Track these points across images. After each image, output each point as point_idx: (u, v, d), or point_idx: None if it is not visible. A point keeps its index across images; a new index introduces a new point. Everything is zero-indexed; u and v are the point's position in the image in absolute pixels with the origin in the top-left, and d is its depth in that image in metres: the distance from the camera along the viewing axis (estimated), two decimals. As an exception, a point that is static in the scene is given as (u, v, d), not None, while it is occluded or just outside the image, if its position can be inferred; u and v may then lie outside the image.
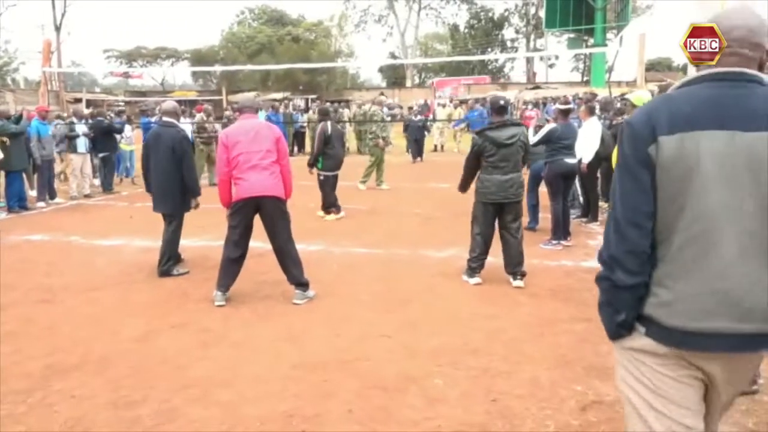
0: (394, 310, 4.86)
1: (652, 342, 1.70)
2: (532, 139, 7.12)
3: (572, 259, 6.36)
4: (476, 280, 5.49)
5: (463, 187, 5.70)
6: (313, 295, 5.09)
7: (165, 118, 6.02)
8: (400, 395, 3.40)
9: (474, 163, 5.45)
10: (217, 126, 14.09)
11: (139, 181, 12.00)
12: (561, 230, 6.90)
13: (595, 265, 6.57)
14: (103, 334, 4.41)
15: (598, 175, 8.11)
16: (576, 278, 5.67)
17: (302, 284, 5.04)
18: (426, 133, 18.08)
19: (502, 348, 4.04)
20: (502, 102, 5.50)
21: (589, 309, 4.80)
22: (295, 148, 18.07)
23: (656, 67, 42.26)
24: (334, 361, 3.87)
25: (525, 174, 5.84)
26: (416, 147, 17.10)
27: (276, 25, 48.84)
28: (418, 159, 16.91)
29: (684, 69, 33.08)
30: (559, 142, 6.87)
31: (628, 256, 1.68)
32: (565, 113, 7.17)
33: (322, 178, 8.70)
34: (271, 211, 4.94)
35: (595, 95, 13.42)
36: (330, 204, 8.72)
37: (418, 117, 18.05)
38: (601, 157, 7.44)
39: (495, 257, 5.62)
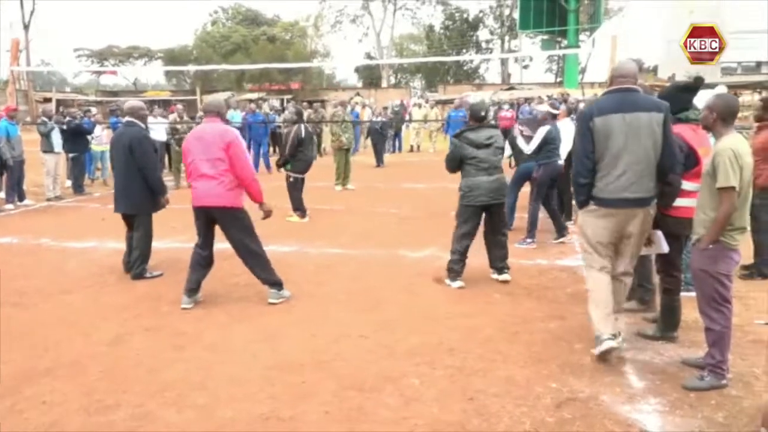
0: (370, 310, 4.86)
1: (596, 206, 3.75)
2: (528, 147, 7.11)
3: (547, 257, 6.43)
4: (459, 283, 5.40)
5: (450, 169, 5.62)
6: (288, 295, 5.06)
7: (128, 118, 5.96)
8: (377, 395, 3.41)
9: (456, 164, 5.47)
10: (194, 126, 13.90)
11: (112, 181, 11.80)
12: (536, 229, 6.97)
13: (569, 263, 6.61)
14: (74, 337, 4.33)
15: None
16: (551, 277, 5.73)
17: (275, 284, 5.00)
18: (386, 135, 16.74)
19: (477, 347, 4.07)
20: (482, 113, 5.53)
21: (564, 307, 4.85)
22: (271, 149, 17.87)
23: (628, 69, 42.83)
24: (310, 361, 3.86)
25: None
26: (376, 151, 15.99)
27: (251, 25, 48.53)
28: (381, 164, 15.55)
29: (654, 70, 33.67)
30: (554, 143, 6.97)
31: (582, 171, 3.74)
32: (555, 117, 7.41)
33: (291, 179, 8.63)
34: (220, 220, 4.89)
35: (568, 95, 13.58)
36: (296, 206, 8.66)
37: (378, 118, 17.10)
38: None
39: (470, 257, 5.64)
